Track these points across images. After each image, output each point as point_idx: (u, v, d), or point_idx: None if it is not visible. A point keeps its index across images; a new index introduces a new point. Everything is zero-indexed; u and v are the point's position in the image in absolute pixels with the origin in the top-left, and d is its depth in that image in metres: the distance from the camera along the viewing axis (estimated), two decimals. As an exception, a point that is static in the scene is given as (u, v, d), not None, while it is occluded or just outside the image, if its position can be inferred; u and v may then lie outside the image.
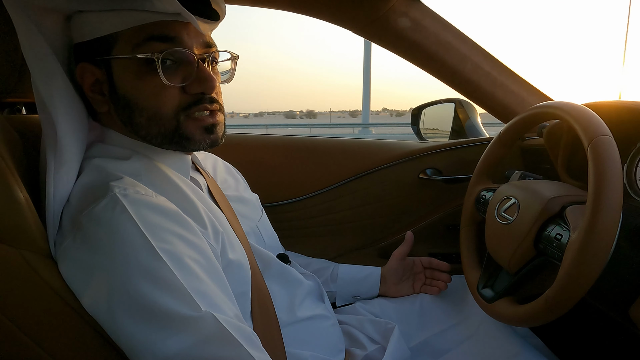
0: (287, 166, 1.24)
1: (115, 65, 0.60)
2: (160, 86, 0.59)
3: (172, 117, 0.60)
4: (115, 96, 0.61)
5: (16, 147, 0.58)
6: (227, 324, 0.49)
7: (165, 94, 0.59)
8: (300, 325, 0.74)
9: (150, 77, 0.58)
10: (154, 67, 0.58)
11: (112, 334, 0.50)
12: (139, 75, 0.59)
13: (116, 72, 0.60)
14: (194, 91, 0.61)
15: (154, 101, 0.59)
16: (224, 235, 0.62)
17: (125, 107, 0.61)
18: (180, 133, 0.61)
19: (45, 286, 0.49)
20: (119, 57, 0.59)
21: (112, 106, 0.62)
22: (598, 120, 0.65)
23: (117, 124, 0.64)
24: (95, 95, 0.62)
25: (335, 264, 1.02)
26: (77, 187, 0.57)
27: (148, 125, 0.61)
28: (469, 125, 1.42)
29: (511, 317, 0.71)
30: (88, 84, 0.62)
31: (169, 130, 0.61)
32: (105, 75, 0.61)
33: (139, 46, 0.58)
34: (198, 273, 0.51)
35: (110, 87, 0.61)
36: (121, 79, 0.60)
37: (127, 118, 0.62)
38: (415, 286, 1.00)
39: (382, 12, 0.95)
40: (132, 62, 0.59)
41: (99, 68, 0.61)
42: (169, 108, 0.60)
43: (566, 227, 0.65)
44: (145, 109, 0.60)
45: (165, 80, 0.58)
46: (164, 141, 0.62)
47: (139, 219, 0.50)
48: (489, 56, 1.08)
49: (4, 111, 0.83)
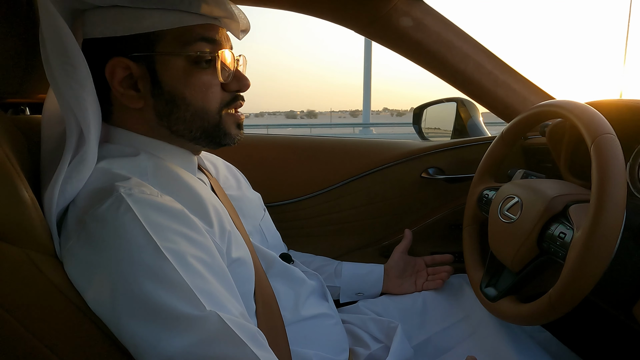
0: (289, 166, 1.25)
1: (159, 61, 0.61)
2: (208, 83, 0.63)
3: (216, 113, 0.65)
4: (159, 91, 0.62)
5: (21, 147, 0.58)
6: (232, 322, 0.49)
7: (211, 91, 0.63)
8: (304, 324, 0.74)
9: (198, 74, 0.62)
10: (202, 65, 0.62)
11: (116, 332, 0.50)
12: (188, 72, 0.61)
13: (160, 68, 0.61)
14: (232, 89, 0.66)
15: (202, 97, 0.63)
16: (230, 234, 0.62)
17: (169, 102, 0.62)
18: (220, 128, 0.66)
19: (50, 285, 0.49)
20: (165, 53, 0.60)
21: (151, 101, 0.62)
22: (601, 118, 0.65)
23: (142, 120, 0.64)
24: (127, 91, 0.62)
25: (339, 262, 1.02)
26: (83, 188, 0.57)
27: (192, 120, 0.63)
28: (470, 124, 1.42)
29: (514, 315, 0.71)
30: (119, 80, 0.61)
31: (211, 125, 0.65)
32: (146, 70, 0.61)
33: (189, 45, 0.61)
34: (203, 272, 0.51)
35: (152, 82, 0.61)
36: (167, 75, 0.61)
37: (167, 113, 0.63)
38: (418, 283, 1.01)
39: (384, 11, 0.95)
40: (179, 59, 0.61)
41: (136, 63, 0.61)
42: (214, 104, 0.64)
43: (569, 225, 0.65)
44: (191, 104, 0.63)
45: (221, 78, 0.63)
46: (202, 135, 0.65)
47: (143, 218, 0.50)
48: (491, 55, 1.08)
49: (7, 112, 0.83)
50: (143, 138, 0.65)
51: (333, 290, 0.99)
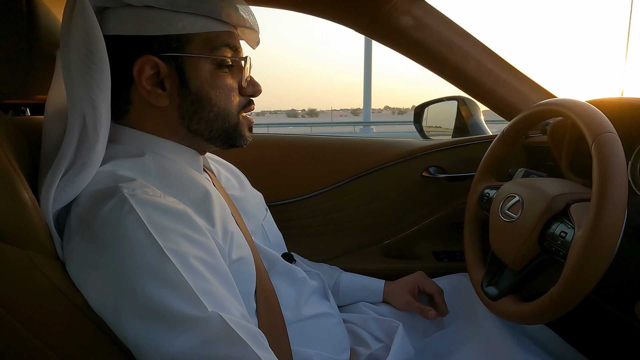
0: (290, 165, 1.25)
1: (188, 62, 0.63)
2: (231, 86, 0.67)
3: (236, 115, 0.68)
4: (186, 91, 0.64)
5: (21, 149, 0.58)
6: (234, 323, 0.49)
7: (233, 94, 0.67)
8: (305, 323, 0.74)
9: (222, 76, 0.65)
10: (223, 69, 0.65)
11: (118, 333, 0.50)
12: (214, 74, 0.65)
13: (188, 68, 0.63)
14: (247, 94, 0.70)
15: (225, 99, 0.66)
16: (232, 235, 0.62)
17: (195, 102, 0.65)
18: (238, 129, 0.69)
19: (52, 287, 0.49)
20: (195, 55, 0.63)
21: (177, 100, 0.64)
22: (602, 117, 0.64)
23: (162, 119, 0.65)
24: (154, 88, 0.63)
25: (338, 275, 1.00)
26: (86, 189, 0.57)
27: (215, 120, 0.66)
28: (471, 123, 1.42)
29: (516, 315, 0.71)
30: (145, 77, 0.62)
31: (231, 126, 0.68)
32: (175, 70, 0.63)
33: (216, 49, 0.64)
34: (205, 273, 0.52)
35: (180, 82, 0.63)
36: (194, 75, 0.64)
37: (192, 112, 0.65)
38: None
39: (384, 10, 0.94)
40: (206, 62, 0.64)
41: (165, 62, 0.62)
42: (235, 107, 0.68)
43: (571, 224, 0.65)
44: (216, 105, 0.65)
45: (244, 81, 0.68)
46: (221, 135, 0.68)
47: (146, 219, 0.50)
48: (492, 53, 1.08)
49: (8, 113, 0.83)
50: (152, 137, 0.65)
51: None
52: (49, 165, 0.57)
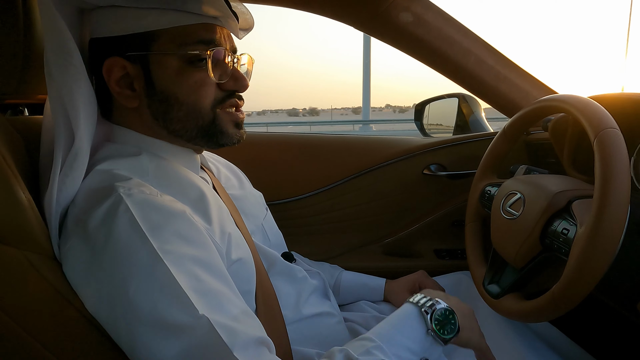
0: (291, 164, 1.24)
1: (153, 60, 0.61)
2: (202, 82, 0.62)
3: (209, 110, 0.64)
4: (152, 91, 0.62)
5: (18, 149, 0.58)
6: (223, 328, 0.48)
7: (205, 89, 0.63)
8: (306, 323, 0.74)
9: (191, 72, 0.62)
10: (196, 64, 0.62)
11: (112, 335, 0.50)
12: (181, 71, 0.62)
13: (154, 67, 0.61)
14: (228, 88, 0.66)
15: (194, 95, 0.63)
16: (230, 236, 0.62)
17: (162, 102, 0.63)
18: (215, 125, 0.65)
19: (49, 288, 0.49)
20: (160, 53, 0.61)
21: (145, 101, 0.63)
22: (604, 113, 0.64)
23: (140, 120, 0.64)
24: (124, 90, 0.62)
25: (339, 273, 0.99)
26: (83, 189, 0.57)
27: (186, 119, 0.63)
28: (472, 120, 1.42)
29: (518, 312, 0.71)
30: (115, 79, 0.62)
31: (206, 123, 0.64)
32: (141, 70, 0.62)
33: (186, 45, 0.61)
34: (200, 274, 0.51)
35: (146, 82, 0.62)
36: (160, 74, 0.62)
37: (162, 112, 0.63)
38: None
39: (383, 7, 0.94)
40: (173, 59, 0.61)
41: (131, 63, 0.61)
42: (207, 102, 0.64)
43: (573, 221, 0.64)
44: (184, 103, 0.63)
45: (212, 77, 0.62)
46: (198, 134, 0.65)
47: (141, 219, 0.50)
48: (493, 50, 1.07)
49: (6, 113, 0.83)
50: (144, 137, 0.65)
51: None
52: (47, 166, 0.57)
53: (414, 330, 0.57)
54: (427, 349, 0.57)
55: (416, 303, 0.60)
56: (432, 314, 0.57)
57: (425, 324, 0.57)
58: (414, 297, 0.61)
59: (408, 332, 0.57)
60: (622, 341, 0.95)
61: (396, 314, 0.60)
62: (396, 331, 0.57)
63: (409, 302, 0.61)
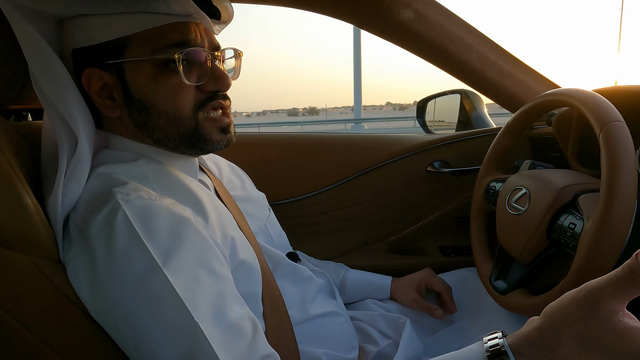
0: (294, 163, 1.24)
1: (128, 68, 0.59)
2: (178, 86, 0.59)
3: (190, 117, 0.61)
4: (130, 100, 0.60)
5: (23, 154, 0.58)
6: (215, 337, 0.47)
7: (182, 94, 0.60)
8: (312, 323, 0.74)
9: (166, 78, 0.59)
10: (170, 68, 0.58)
11: (116, 340, 0.50)
12: (155, 77, 0.59)
13: (129, 75, 0.59)
14: (209, 89, 0.62)
15: (172, 102, 0.60)
16: (233, 239, 0.61)
17: (141, 111, 0.60)
18: (198, 133, 0.62)
19: (57, 292, 0.49)
20: (133, 59, 0.58)
21: (126, 110, 0.61)
22: (609, 106, 0.64)
23: (127, 129, 0.63)
24: (104, 100, 0.61)
25: (344, 272, 0.99)
26: (83, 194, 0.57)
27: (166, 127, 0.61)
28: (475, 116, 1.41)
29: (525, 308, 0.70)
30: (95, 90, 0.60)
31: (188, 131, 0.61)
32: (117, 79, 0.60)
33: (158, 49, 0.58)
34: (199, 277, 0.50)
35: (123, 91, 0.60)
36: (135, 82, 0.59)
37: (142, 122, 0.61)
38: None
39: (384, 4, 0.94)
40: (146, 65, 0.59)
41: (107, 72, 0.60)
42: (187, 108, 0.61)
43: (579, 216, 0.64)
44: (163, 111, 0.60)
45: (186, 80, 0.59)
46: (181, 142, 0.62)
47: (138, 225, 0.50)
48: (495, 45, 1.07)
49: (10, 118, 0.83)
50: (138, 144, 0.64)
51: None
52: (50, 168, 0.57)
53: None
54: None
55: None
56: None
57: None
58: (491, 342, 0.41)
59: None
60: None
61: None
62: None
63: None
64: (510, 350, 0.40)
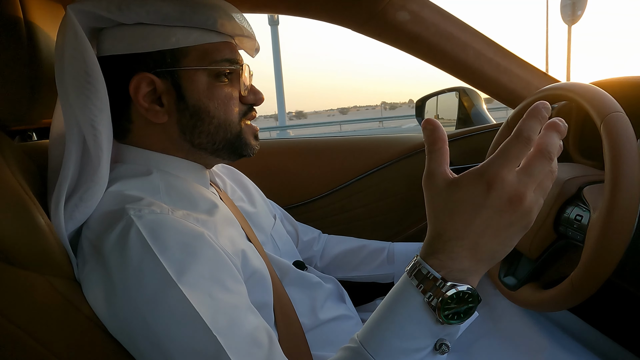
0: (296, 168, 1.25)
1: (185, 76, 0.63)
2: (230, 96, 0.66)
3: (237, 123, 0.67)
4: (183, 105, 0.63)
5: (33, 174, 0.59)
6: (233, 351, 0.47)
7: (232, 103, 0.66)
8: (324, 328, 0.74)
9: (220, 87, 0.65)
10: (221, 80, 0.65)
11: (135, 355, 0.51)
12: (210, 86, 0.64)
13: (185, 82, 0.63)
14: (249, 102, 0.70)
15: (224, 109, 0.65)
16: (244, 251, 0.62)
17: (193, 116, 0.64)
18: (241, 138, 0.68)
19: (74, 310, 0.50)
20: (191, 68, 0.62)
21: (175, 116, 0.64)
22: (608, 97, 0.64)
23: (164, 135, 0.65)
24: (152, 105, 0.63)
25: (390, 245, 1.00)
26: (96, 212, 0.57)
27: (216, 132, 0.65)
28: (474, 112, 1.42)
29: (537, 302, 0.71)
30: (143, 95, 0.62)
31: (233, 135, 0.67)
32: (171, 85, 0.62)
33: (212, 60, 0.64)
34: (214, 291, 0.51)
35: (177, 97, 0.63)
36: (191, 88, 0.63)
37: (191, 126, 0.64)
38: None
39: (379, 7, 0.94)
40: (203, 74, 0.63)
41: (160, 78, 0.62)
42: (235, 115, 0.67)
43: (585, 207, 0.64)
44: (215, 117, 0.65)
45: (242, 90, 0.67)
46: (225, 146, 0.67)
47: (152, 241, 0.50)
48: (491, 42, 1.07)
49: (15, 139, 0.84)
50: (156, 155, 0.65)
51: (386, 276, 0.97)
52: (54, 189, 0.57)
53: (417, 329, 0.44)
54: (438, 334, 0.44)
55: (417, 287, 0.44)
56: (442, 302, 0.42)
57: (432, 317, 0.43)
58: (412, 271, 0.45)
59: (410, 333, 0.44)
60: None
61: (391, 307, 0.46)
62: (392, 335, 0.44)
63: (409, 284, 0.45)
64: (421, 259, 0.45)
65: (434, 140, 0.46)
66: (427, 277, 0.43)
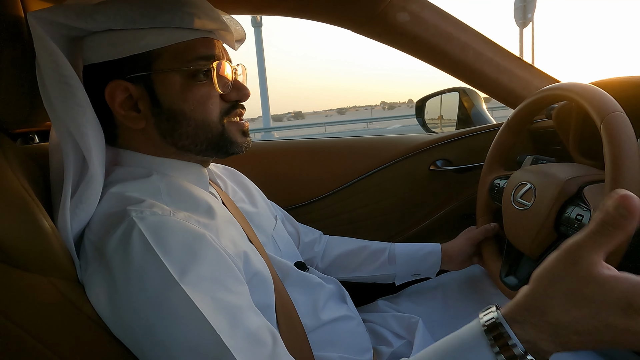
0: (297, 169, 1.25)
1: (157, 79, 0.61)
2: (207, 95, 0.63)
3: (217, 122, 0.65)
4: (158, 110, 0.62)
5: (36, 177, 0.59)
6: (237, 349, 0.48)
7: (210, 102, 0.64)
8: (325, 328, 0.74)
9: (196, 87, 0.62)
10: (199, 79, 0.62)
11: (138, 356, 0.51)
12: (185, 87, 0.62)
13: (158, 86, 0.62)
14: (232, 99, 0.67)
15: (201, 110, 0.63)
16: (245, 252, 0.62)
17: (169, 119, 0.63)
18: (225, 136, 0.66)
19: (78, 312, 0.50)
20: (163, 71, 0.61)
21: (152, 120, 0.63)
22: (608, 97, 0.64)
23: (147, 141, 0.65)
24: (129, 112, 0.62)
25: (390, 245, 0.99)
26: (97, 213, 0.57)
27: (195, 134, 0.64)
28: (474, 112, 1.42)
29: None
30: (119, 102, 0.62)
31: (215, 135, 0.65)
32: (144, 90, 0.62)
33: (186, 60, 0.62)
34: (217, 291, 0.51)
35: (151, 101, 0.62)
36: (165, 92, 0.62)
37: (169, 130, 0.63)
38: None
39: (380, 8, 0.94)
40: (176, 75, 0.62)
41: (133, 84, 0.61)
42: (215, 115, 0.65)
43: (586, 207, 0.65)
44: (192, 118, 0.63)
45: (218, 89, 0.63)
46: (208, 147, 0.66)
47: (154, 242, 0.50)
48: (491, 42, 1.08)
49: (16, 141, 0.84)
50: (152, 158, 0.65)
51: (387, 277, 0.97)
52: (59, 190, 0.57)
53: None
54: None
55: (491, 347, 0.40)
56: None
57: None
58: (490, 330, 0.40)
59: None
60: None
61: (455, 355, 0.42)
62: None
63: (482, 338, 0.41)
64: (505, 320, 0.40)
65: (619, 219, 0.36)
66: (507, 342, 0.39)
